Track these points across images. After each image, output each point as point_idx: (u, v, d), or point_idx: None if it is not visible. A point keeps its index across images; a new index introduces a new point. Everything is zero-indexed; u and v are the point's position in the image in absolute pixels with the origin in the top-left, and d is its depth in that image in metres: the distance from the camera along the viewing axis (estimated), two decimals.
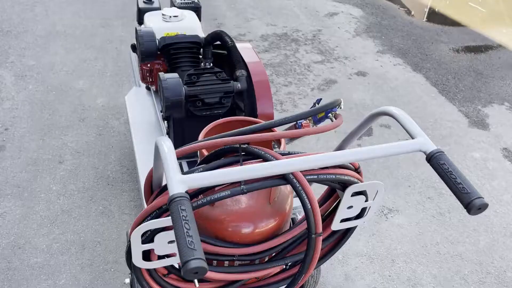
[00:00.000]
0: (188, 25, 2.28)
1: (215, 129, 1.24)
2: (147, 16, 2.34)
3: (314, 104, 1.63)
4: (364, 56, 4.45)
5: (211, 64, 2.20)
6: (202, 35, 2.29)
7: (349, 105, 3.66)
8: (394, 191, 2.82)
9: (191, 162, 2.05)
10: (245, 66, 1.92)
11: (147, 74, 2.45)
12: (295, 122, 1.67)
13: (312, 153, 0.95)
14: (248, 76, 1.89)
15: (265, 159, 0.96)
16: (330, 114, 1.37)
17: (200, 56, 2.19)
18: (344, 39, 4.79)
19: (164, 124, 2.12)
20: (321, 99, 1.65)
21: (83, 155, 2.90)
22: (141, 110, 2.53)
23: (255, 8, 5.36)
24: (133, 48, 2.57)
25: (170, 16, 2.25)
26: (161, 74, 1.77)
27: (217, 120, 1.28)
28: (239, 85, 1.86)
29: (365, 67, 4.25)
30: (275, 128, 1.12)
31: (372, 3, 5.79)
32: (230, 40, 1.93)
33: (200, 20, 2.52)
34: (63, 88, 3.55)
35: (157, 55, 2.17)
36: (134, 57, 2.70)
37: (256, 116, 1.91)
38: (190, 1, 2.56)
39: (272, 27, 4.91)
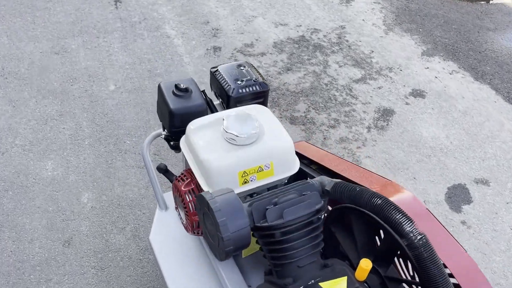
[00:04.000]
0: (275, 148, 1.21)
1: None
2: (195, 131, 1.23)
3: None
4: (409, 64, 3.49)
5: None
6: (297, 163, 1.26)
7: (424, 151, 2.75)
8: None
9: None
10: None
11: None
12: None
13: None
14: None
15: None
16: None
17: None
18: (376, 38, 3.76)
19: None
20: None
21: None
22: (181, 255, 1.52)
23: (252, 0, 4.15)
24: (164, 171, 1.50)
25: (245, 137, 1.17)
26: None
27: None
28: None
29: (418, 82, 3.31)
30: None
31: None
32: (416, 236, 0.93)
33: (266, 105, 1.49)
34: (23, 182, 2.35)
35: None
36: (156, 172, 1.62)
37: None
38: (253, 81, 1.47)
39: (283, 28, 3.77)
